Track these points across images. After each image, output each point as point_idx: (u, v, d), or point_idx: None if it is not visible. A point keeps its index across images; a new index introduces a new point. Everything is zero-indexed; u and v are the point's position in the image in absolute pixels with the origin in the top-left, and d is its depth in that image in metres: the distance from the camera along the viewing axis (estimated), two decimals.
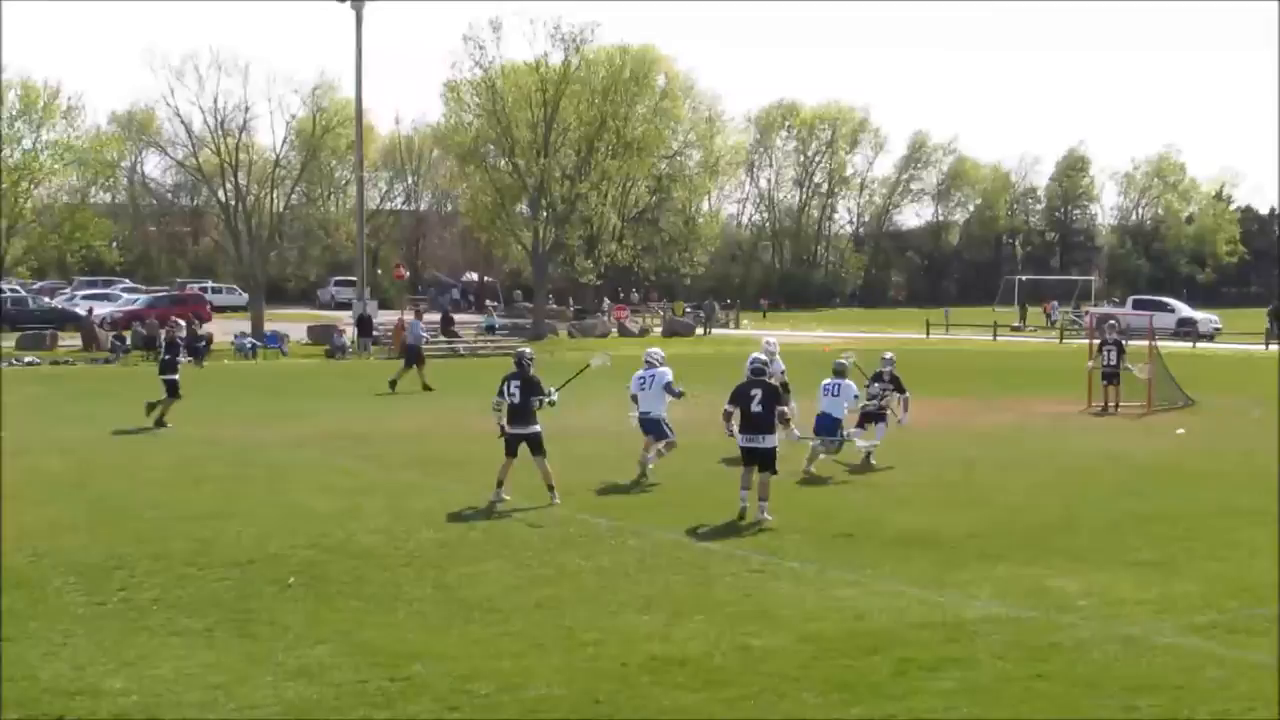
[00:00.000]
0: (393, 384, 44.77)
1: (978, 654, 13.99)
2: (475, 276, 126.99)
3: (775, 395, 22.23)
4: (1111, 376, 37.97)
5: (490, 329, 78.93)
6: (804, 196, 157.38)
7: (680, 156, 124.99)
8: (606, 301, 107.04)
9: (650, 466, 25.65)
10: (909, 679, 13.18)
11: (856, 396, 27.29)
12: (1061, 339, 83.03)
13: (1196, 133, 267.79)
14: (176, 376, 35.24)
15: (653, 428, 25.94)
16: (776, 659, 13.83)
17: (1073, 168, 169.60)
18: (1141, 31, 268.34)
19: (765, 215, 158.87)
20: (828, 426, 26.70)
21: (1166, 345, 47.87)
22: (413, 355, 46.27)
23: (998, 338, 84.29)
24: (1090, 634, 14.78)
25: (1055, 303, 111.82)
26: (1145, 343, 42.03)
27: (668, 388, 25.85)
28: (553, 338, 77.03)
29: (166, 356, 36.06)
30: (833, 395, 27.15)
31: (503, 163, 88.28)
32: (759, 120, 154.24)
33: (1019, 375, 49.07)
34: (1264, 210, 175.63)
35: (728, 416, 22.23)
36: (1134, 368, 36.92)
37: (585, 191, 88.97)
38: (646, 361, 26.52)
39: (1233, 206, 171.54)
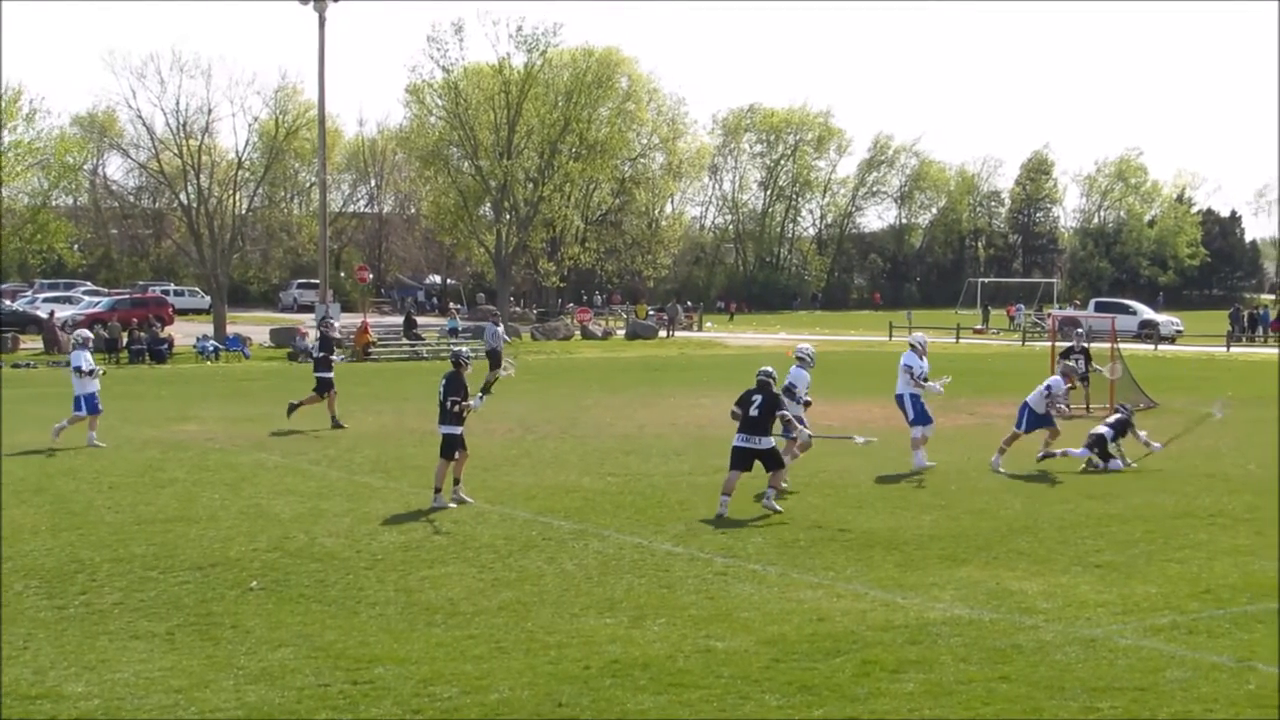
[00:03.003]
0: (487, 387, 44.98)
1: (940, 656, 14.03)
2: (438, 279, 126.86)
3: (775, 402, 22.77)
4: (1083, 380, 38.20)
5: (453, 331, 78.72)
6: (768, 199, 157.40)
7: (643, 159, 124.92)
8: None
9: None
10: (871, 681, 13.21)
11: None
12: (1024, 341, 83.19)
13: (1158, 135, 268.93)
14: (330, 374, 35.67)
15: (785, 425, 25.22)
16: (739, 661, 13.85)
17: (1036, 170, 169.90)
18: (1105, 34, 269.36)
19: (729, 218, 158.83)
20: None
21: (1129, 348, 48.02)
22: (495, 359, 46.43)
23: (960, 340, 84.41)
24: (1052, 636, 14.84)
25: (1020, 305, 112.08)
26: (1108, 345, 42.17)
27: (789, 390, 25.19)
28: (515, 340, 76.94)
29: (321, 354, 36.47)
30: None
31: (465, 165, 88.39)
32: (725, 123, 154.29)
33: (982, 377, 49.09)
34: (1225, 213, 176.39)
35: (735, 417, 22.92)
36: (1102, 368, 37.02)
37: (548, 194, 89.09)
38: (798, 357, 26.11)
39: (1194, 209, 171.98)
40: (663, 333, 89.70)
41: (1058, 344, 43.91)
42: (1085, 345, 39.33)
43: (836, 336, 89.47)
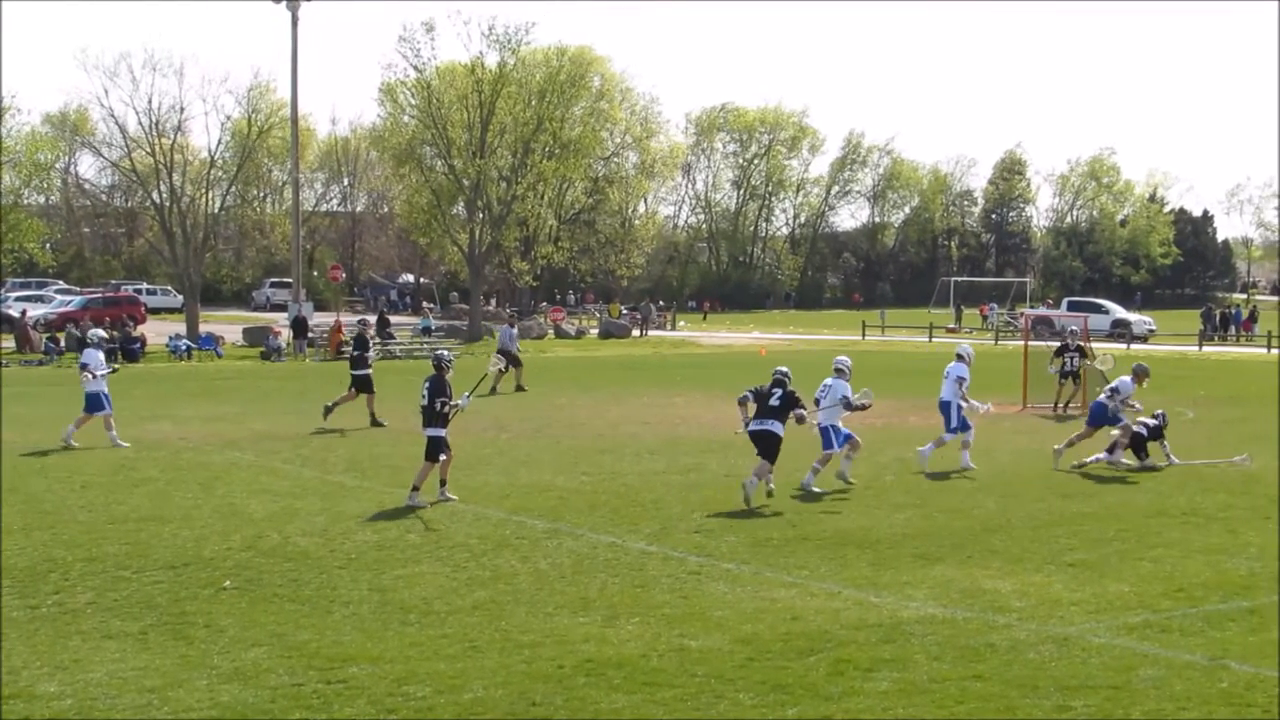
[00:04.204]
0: (518, 386, 45.57)
1: (913, 655, 14.05)
2: (411, 278, 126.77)
3: (793, 399, 23.77)
4: (1074, 377, 38.75)
5: (426, 330, 78.68)
6: (741, 198, 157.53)
7: (617, 158, 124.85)
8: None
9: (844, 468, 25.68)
10: (845, 680, 13.23)
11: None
12: (997, 340, 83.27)
13: (1131, 135, 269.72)
14: (368, 372, 35.89)
15: (821, 435, 25.36)
16: (713, 660, 13.86)
17: (1010, 170, 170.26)
18: (1079, 33, 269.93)
19: (702, 217, 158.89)
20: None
21: (1101, 347, 48.08)
22: (511, 359, 46.44)
23: (933, 339, 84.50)
24: (1025, 634, 14.87)
25: (993, 305, 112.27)
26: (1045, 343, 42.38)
27: (845, 401, 25.29)
28: (488, 339, 76.81)
29: (357, 353, 36.55)
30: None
31: (439, 164, 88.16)
32: (698, 122, 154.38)
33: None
34: (1197, 212, 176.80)
35: (743, 403, 23.93)
36: (1095, 362, 37.21)
37: (521, 193, 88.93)
38: (837, 369, 25.94)
39: (1166, 208, 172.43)
40: (636, 332, 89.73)
41: (1048, 343, 44.12)
42: (1079, 344, 39.71)
43: (810, 336, 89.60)
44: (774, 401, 23.73)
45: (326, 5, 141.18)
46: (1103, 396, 28.67)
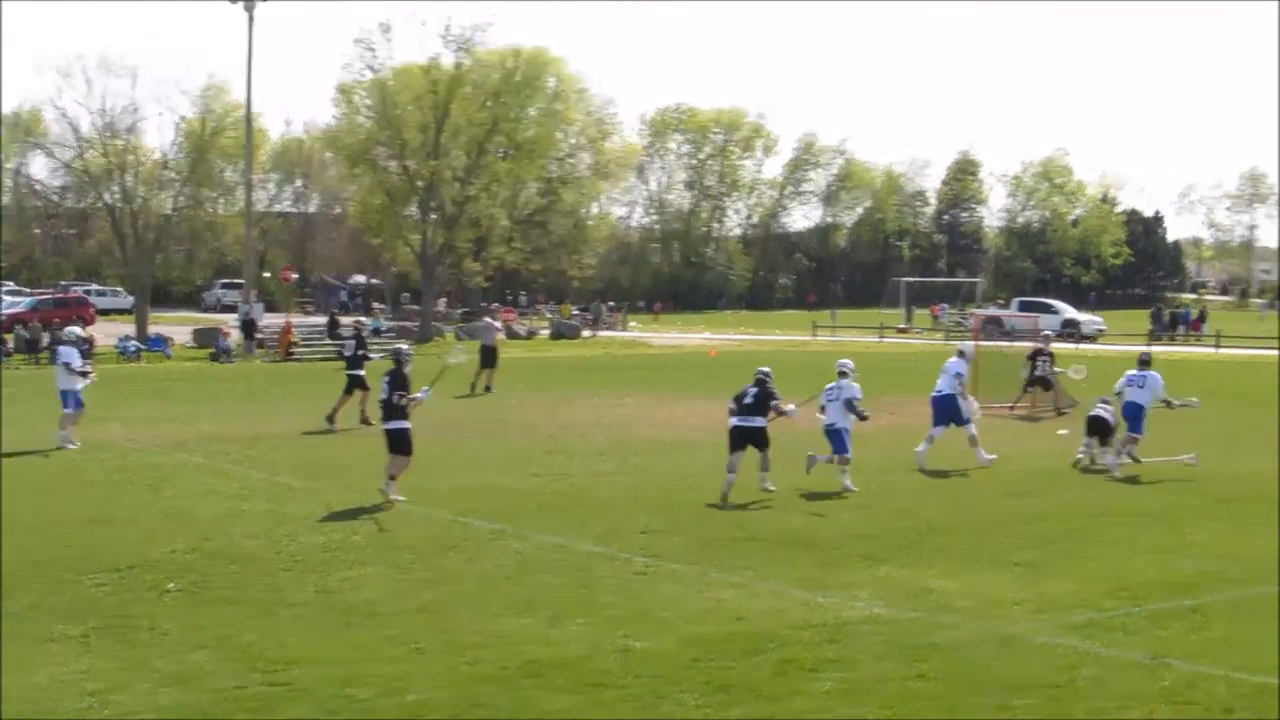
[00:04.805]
0: (474, 387, 45.41)
1: (857, 655, 14.08)
2: (363, 279, 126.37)
3: (769, 393, 24.63)
4: (1043, 382, 38.77)
5: (377, 331, 78.45)
6: (694, 199, 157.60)
7: (571, 159, 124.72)
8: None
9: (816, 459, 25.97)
10: (789, 680, 13.25)
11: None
12: (948, 340, 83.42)
13: (1084, 136, 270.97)
14: (362, 372, 36.06)
15: (834, 438, 25.75)
16: (657, 661, 13.86)
17: (962, 170, 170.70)
18: (1032, 34, 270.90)
19: (655, 217, 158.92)
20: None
21: (1051, 347, 48.19)
22: (489, 355, 46.42)
23: (884, 339, 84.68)
24: (969, 634, 14.92)
25: (943, 305, 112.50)
26: (1030, 344, 42.39)
27: (849, 404, 25.80)
28: (439, 340, 76.67)
29: (360, 352, 36.87)
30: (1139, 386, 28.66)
31: (393, 164, 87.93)
32: (652, 123, 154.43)
33: (904, 377, 49.20)
34: (1148, 213, 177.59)
35: (732, 412, 24.78)
36: (1068, 370, 37.31)
37: (475, 194, 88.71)
38: (840, 372, 26.36)
39: (1118, 209, 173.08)
40: (587, 332, 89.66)
41: (998, 343, 44.27)
42: (1051, 351, 39.88)
43: (761, 336, 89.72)
44: (749, 400, 24.51)
45: (283, 6, 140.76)
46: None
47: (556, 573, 18.01)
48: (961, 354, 30.30)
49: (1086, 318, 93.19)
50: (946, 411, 29.05)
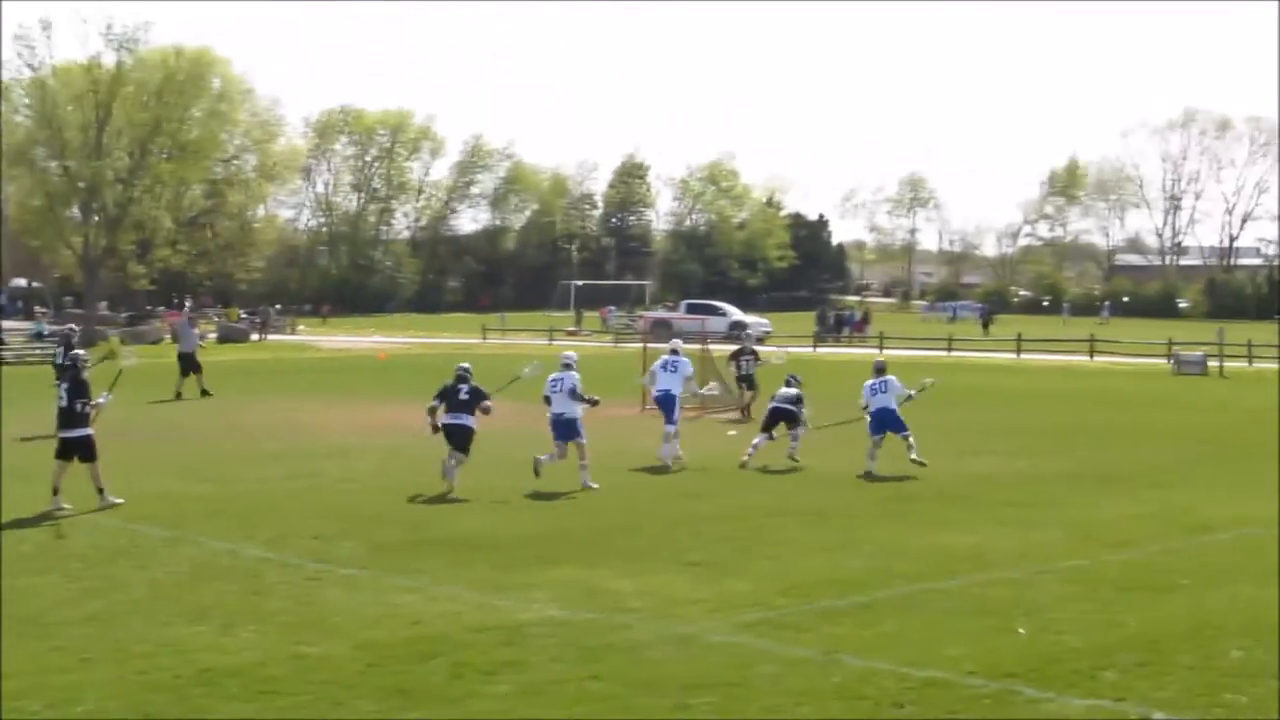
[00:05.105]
0: (178, 394, 44.70)
1: (533, 656, 14.03)
2: (24, 282, 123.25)
3: (480, 393, 25.53)
4: (749, 381, 39.21)
5: (39, 335, 76.47)
6: (362, 201, 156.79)
7: (237, 160, 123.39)
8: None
9: (545, 461, 26.09)
10: (465, 683, 13.15)
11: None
12: (617, 343, 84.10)
13: (749, 140, 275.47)
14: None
15: (567, 429, 26.11)
16: (332, 667, 13.66)
17: (629, 174, 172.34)
18: (697, 37, 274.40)
19: (323, 220, 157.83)
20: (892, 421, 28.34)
21: (720, 349, 48.77)
22: (189, 362, 45.45)
23: (554, 341, 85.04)
24: (645, 634, 14.95)
25: (612, 307, 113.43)
26: (698, 346, 42.86)
27: (573, 393, 26.41)
28: (103, 344, 75.11)
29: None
30: (881, 392, 28.60)
31: (53, 165, 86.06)
32: (317, 125, 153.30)
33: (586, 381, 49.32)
34: (813, 216, 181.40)
35: (433, 410, 25.58)
36: (771, 359, 37.97)
37: (139, 195, 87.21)
38: (564, 364, 26.86)
39: (783, 213, 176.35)
40: (255, 336, 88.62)
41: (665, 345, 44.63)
42: (754, 348, 40.49)
43: (431, 339, 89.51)
44: (463, 396, 25.29)
45: None
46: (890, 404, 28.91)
47: (228, 579, 17.66)
48: (675, 351, 30.69)
49: (753, 319, 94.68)
50: (670, 408, 29.62)
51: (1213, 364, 62.76)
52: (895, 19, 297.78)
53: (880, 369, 29.32)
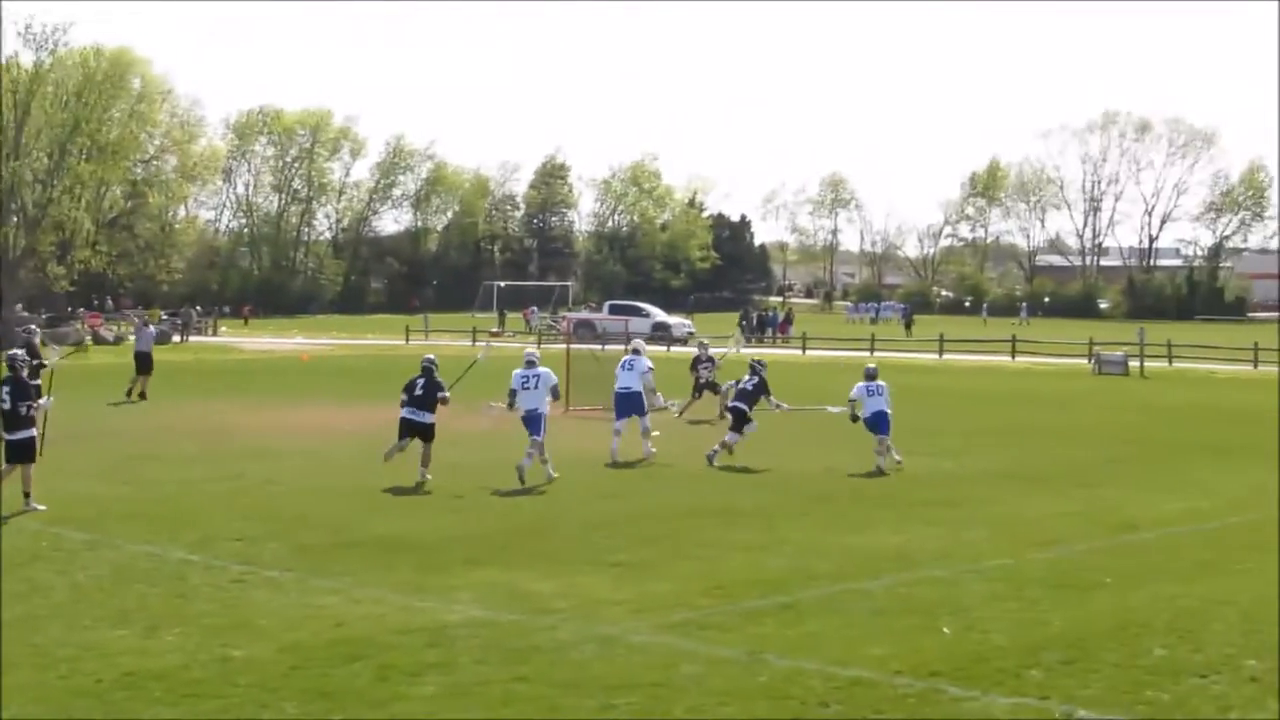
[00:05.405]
0: (129, 393, 44.83)
1: (458, 658, 14.05)
2: None
3: (436, 384, 26.81)
4: (711, 387, 39.45)
5: None
6: (282, 202, 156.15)
7: (157, 161, 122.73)
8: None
9: (526, 465, 26.36)
10: (390, 685, 13.16)
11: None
12: (540, 343, 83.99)
13: (671, 141, 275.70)
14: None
15: (540, 424, 26.80)
16: (256, 670, 13.63)
17: (551, 175, 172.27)
18: (619, 37, 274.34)
19: (244, 221, 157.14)
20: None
21: (656, 350, 48.88)
22: (145, 361, 45.35)
23: (477, 343, 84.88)
24: (569, 635, 14.99)
25: (534, 308, 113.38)
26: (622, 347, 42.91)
27: (554, 390, 28.04)
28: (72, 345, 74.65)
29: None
30: (877, 394, 29.26)
31: None
32: (237, 126, 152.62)
33: (499, 380, 49.29)
34: (735, 217, 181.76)
35: (405, 404, 26.82)
36: (727, 349, 38.27)
37: (57, 196, 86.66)
38: (528, 361, 27.69)
39: (705, 213, 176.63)
40: (177, 338, 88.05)
41: (590, 346, 44.61)
42: (711, 355, 40.83)
43: (354, 341, 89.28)
44: (419, 391, 26.72)
45: None
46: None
47: (151, 582, 17.58)
48: (637, 351, 31.71)
49: (676, 320, 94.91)
50: (631, 406, 30.53)
51: (1133, 364, 63.20)
52: (816, 20, 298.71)
53: (872, 375, 29.79)
